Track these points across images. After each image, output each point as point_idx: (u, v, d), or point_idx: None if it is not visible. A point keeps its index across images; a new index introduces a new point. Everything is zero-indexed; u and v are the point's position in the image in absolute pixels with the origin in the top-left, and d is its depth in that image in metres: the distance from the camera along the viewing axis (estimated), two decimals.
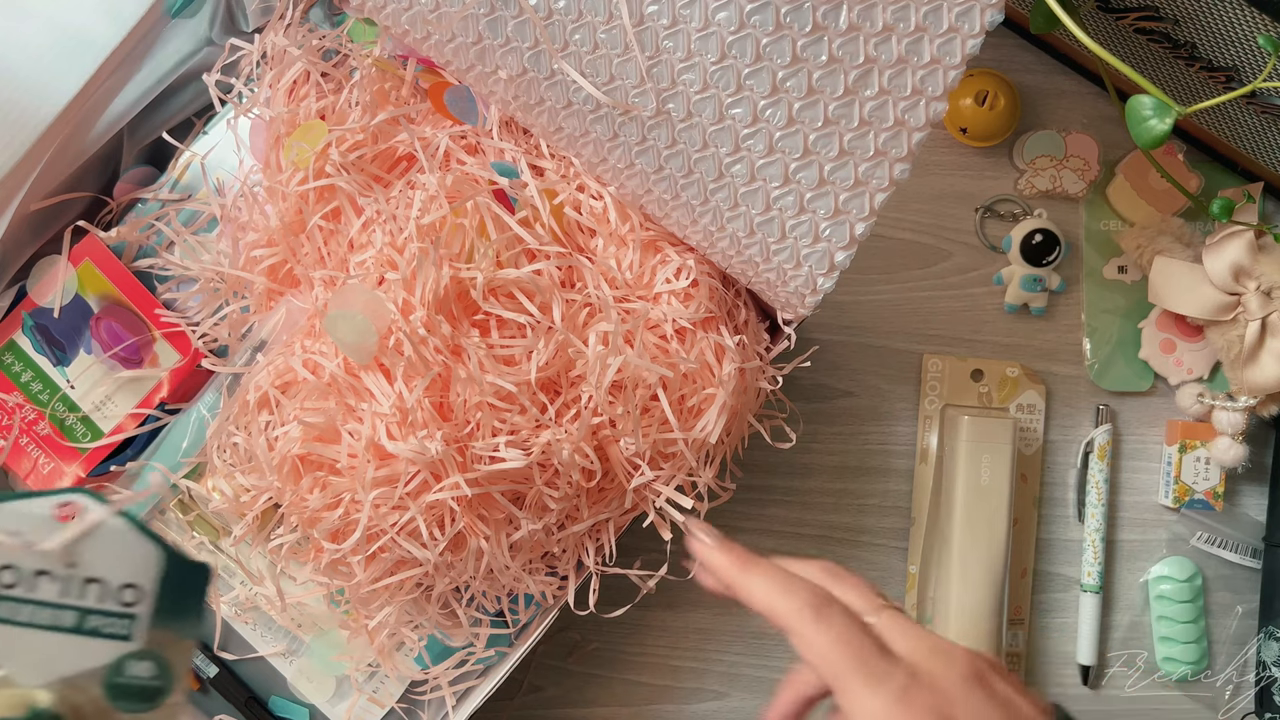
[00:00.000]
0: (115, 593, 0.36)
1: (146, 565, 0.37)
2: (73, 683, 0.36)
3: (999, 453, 0.75)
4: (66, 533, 0.36)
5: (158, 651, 0.37)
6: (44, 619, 0.36)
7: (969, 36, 0.52)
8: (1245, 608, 0.79)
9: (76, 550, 0.36)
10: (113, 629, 0.37)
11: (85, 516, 0.36)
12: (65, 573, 0.36)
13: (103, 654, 0.36)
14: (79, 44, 0.60)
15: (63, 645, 0.36)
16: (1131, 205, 0.78)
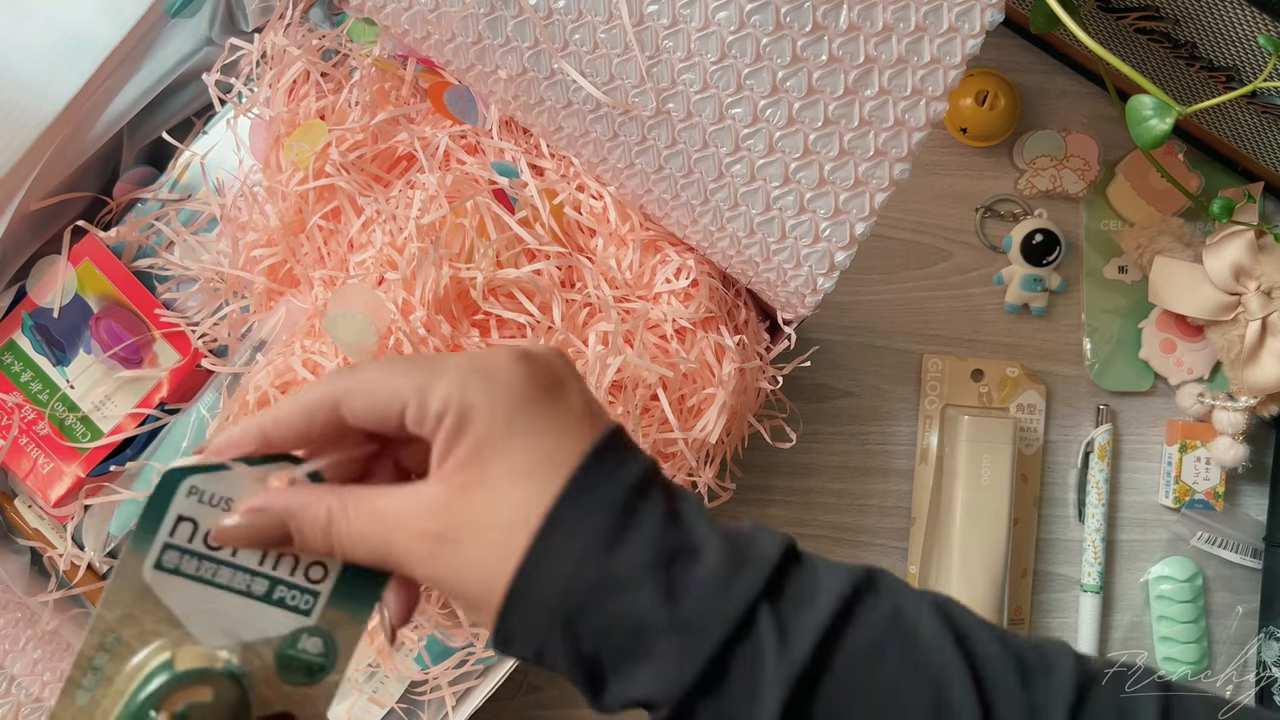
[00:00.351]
0: (306, 568, 0.37)
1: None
2: (251, 647, 0.37)
3: (999, 453, 0.75)
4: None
5: (330, 631, 0.38)
6: (240, 584, 0.37)
7: (969, 36, 0.52)
8: (1246, 608, 0.79)
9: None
10: (296, 603, 0.38)
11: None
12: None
13: (283, 625, 0.38)
14: (79, 44, 0.60)
15: (250, 610, 0.37)
16: (1132, 205, 0.78)
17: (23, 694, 0.65)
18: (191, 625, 0.37)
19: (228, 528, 0.37)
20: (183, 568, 0.37)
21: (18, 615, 0.65)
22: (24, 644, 0.65)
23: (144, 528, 0.36)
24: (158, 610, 0.37)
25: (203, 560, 0.37)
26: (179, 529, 0.36)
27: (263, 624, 0.37)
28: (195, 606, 0.37)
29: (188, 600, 0.37)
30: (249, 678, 0.37)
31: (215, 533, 0.37)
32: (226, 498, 0.36)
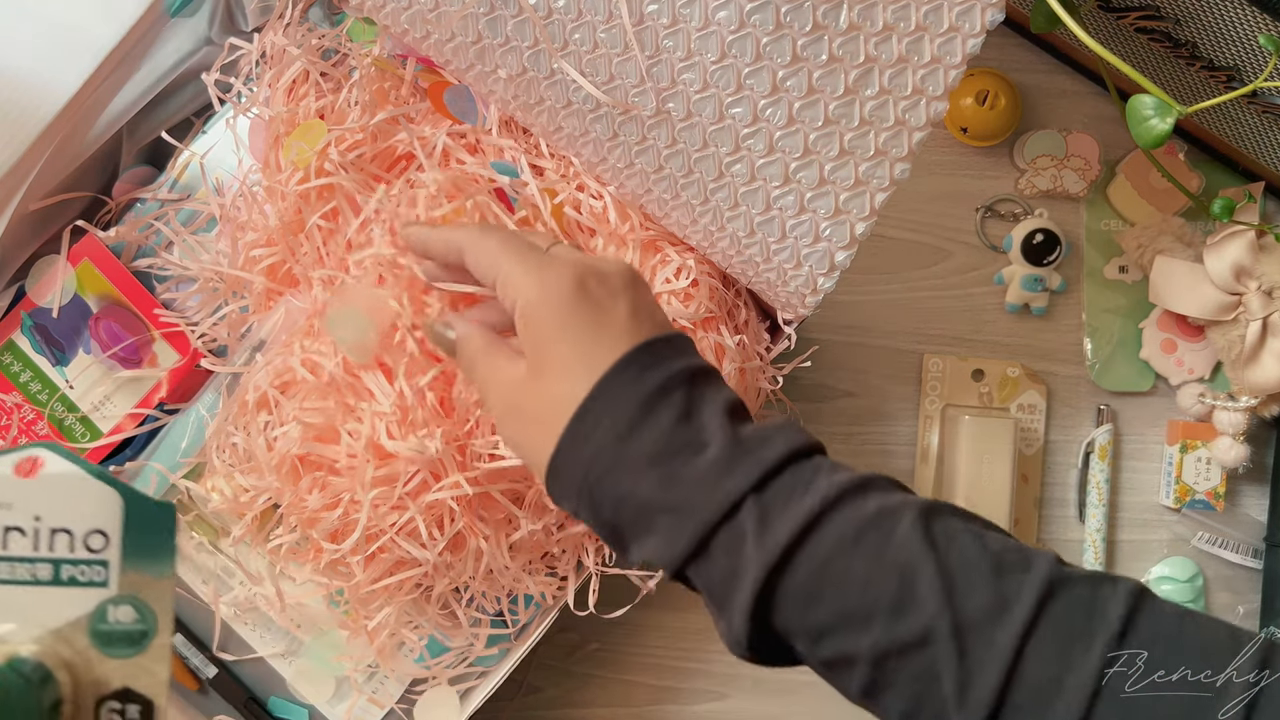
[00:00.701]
0: (84, 540, 0.37)
1: (109, 510, 0.37)
2: (60, 635, 0.37)
3: (1000, 453, 0.74)
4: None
5: (135, 595, 0.37)
6: (22, 574, 0.37)
7: (969, 36, 0.51)
8: (1246, 608, 0.79)
9: (40, 503, 0.37)
10: (88, 577, 0.37)
11: (43, 467, 0.37)
12: (33, 525, 0.37)
13: (84, 603, 0.37)
14: (78, 43, 0.60)
15: (45, 597, 0.37)
16: (1132, 205, 0.78)
17: None
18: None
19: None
20: None
21: None
22: None
23: None
24: None
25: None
26: None
27: (63, 608, 0.37)
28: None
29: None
30: (54, 666, 0.37)
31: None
32: None
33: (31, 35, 0.60)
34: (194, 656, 0.68)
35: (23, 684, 0.35)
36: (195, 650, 0.68)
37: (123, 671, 0.37)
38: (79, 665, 0.37)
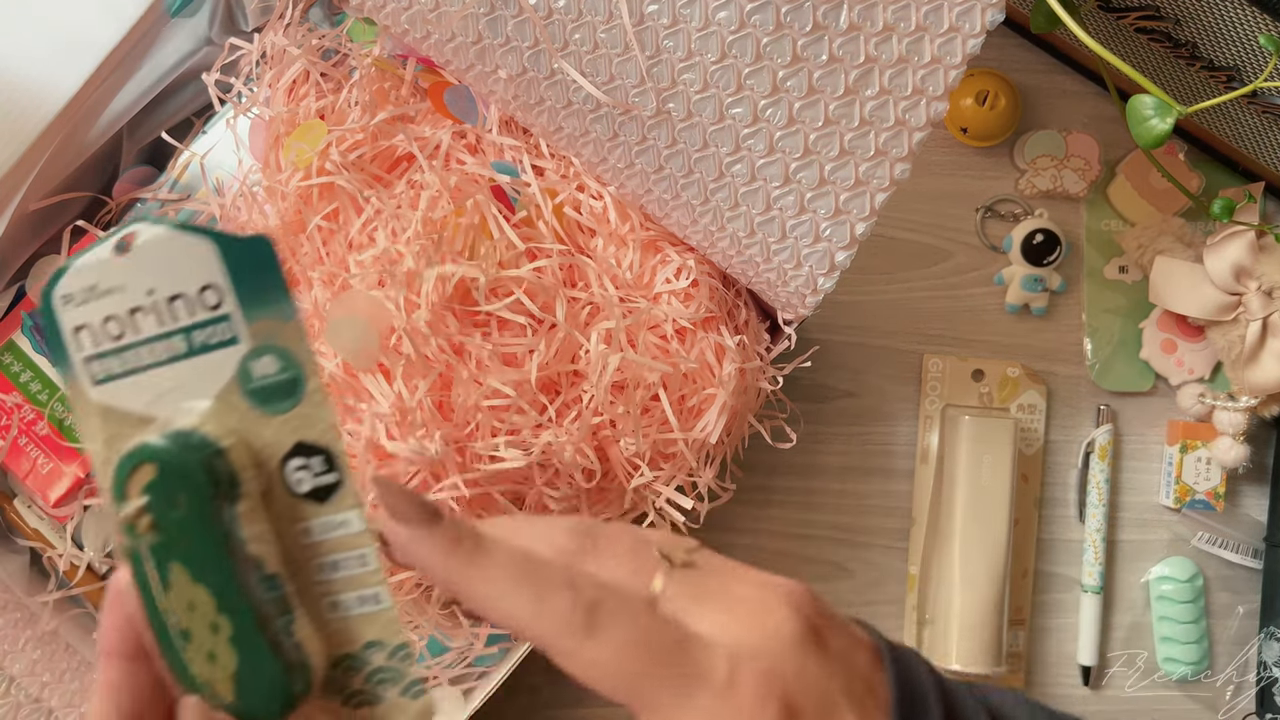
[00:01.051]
0: (199, 300, 0.35)
1: (209, 261, 0.35)
2: (219, 406, 0.35)
3: (1000, 453, 0.74)
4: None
5: (271, 343, 0.35)
6: (163, 353, 0.35)
7: (970, 36, 0.51)
8: (1246, 608, 0.79)
9: (148, 276, 0.35)
10: (218, 337, 0.35)
11: (136, 240, 0.35)
12: (151, 301, 0.35)
13: (225, 366, 0.35)
14: (78, 43, 0.60)
15: (190, 371, 0.35)
16: (1132, 205, 0.78)
17: (22, 694, 0.65)
18: (161, 413, 0.35)
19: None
20: (112, 371, 0.35)
21: (17, 616, 0.65)
22: (23, 644, 0.65)
23: (58, 358, 0.35)
24: (128, 418, 0.35)
25: (120, 353, 0.35)
26: (82, 340, 0.35)
27: (211, 375, 0.35)
28: (150, 396, 0.35)
29: (140, 395, 0.35)
30: (205, 435, 0.35)
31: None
32: (90, 285, 0.35)
33: (32, 35, 0.60)
34: None
35: (195, 456, 0.34)
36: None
37: (289, 426, 0.35)
38: (247, 432, 0.35)
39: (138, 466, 0.33)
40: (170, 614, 0.34)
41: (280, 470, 0.35)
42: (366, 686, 0.36)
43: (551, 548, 0.33)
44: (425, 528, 0.33)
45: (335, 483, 0.35)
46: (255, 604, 0.34)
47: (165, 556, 0.33)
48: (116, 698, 0.34)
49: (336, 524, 0.35)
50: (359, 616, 0.35)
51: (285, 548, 0.35)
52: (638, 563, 0.33)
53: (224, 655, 0.34)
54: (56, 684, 0.65)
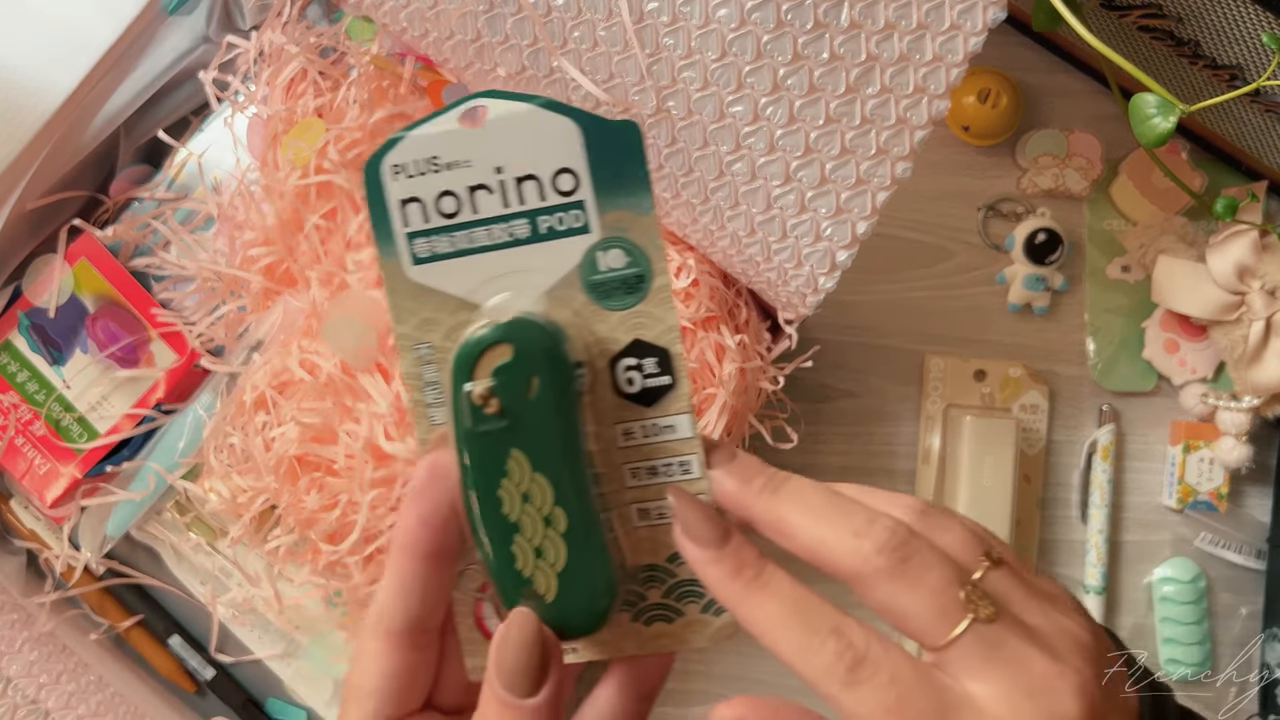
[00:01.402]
0: (552, 183, 0.33)
1: (570, 143, 0.33)
2: (555, 296, 0.33)
3: (1002, 454, 0.74)
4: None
5: (622, 235, 0.33)
6: (501, 236, 0.33)
7: (971, 34, 0.51)
8: (1249, 609, 0.78)
9: (497, 152, 0.33)
10: (567, 224, 0.33)
11: (489, 113, 0.33)
12: (497, 179, 0.33)
13: (570, 255, 0.33)
14: (75, 41, 0.60)
15: (529, 257, 0.33)
16: (1135, 204, 0.77)
17: (19, 696, 0.65)
18: (485, 299, 0.33)
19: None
20: (438, 250, 0.33)
21: (14, 617, 0.65)
22: (20, 645, 0.65)
23: (379, 232, 0.33)
24: (447, 302, 0.33)
25: (451, 232, 0.33)
26: (409, 214, 0.33)
27: (550, 264, 0.33)
28: (476, 280, 0.33)
29: (465, 278, 0.33)
30: (552, 322, 0.33)
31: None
32: (429, 156, 0.32)
33: (29, 33, 0.59)
34: (191, 658, 0.68)
35: (549, 342, 0.32)
36: (193, 652, 0.68)
37: (627, 324, 0.33)
38: (581, 326, 0.33)
39: (491, 347, 0.32)
40: (502, 503, 0.32)
41: (609, 368, 0.34)
42: (666, 600, 0.35)
43: (897, 506, 0.33)
44: (713, 549, 0.33)
45: (667, 385, 0.34)
46: (593, 500, 0.33)
47: (508, 442, 0.32)
48: (408, 598, 0.33)
49: (662, 428, 0.34)
50: (669, 525, 0.34)
51: (600, 448, 0.34)
52: (969, 548, 0.33)
53: (553, 551, 0.32)
54: (53, 685, 0.65)
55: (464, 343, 0.32)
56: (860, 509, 0.32)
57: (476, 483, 0.32)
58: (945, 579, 0.31)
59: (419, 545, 0.33)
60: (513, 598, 0.33)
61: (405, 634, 0.34)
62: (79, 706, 0.64)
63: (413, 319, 0.33)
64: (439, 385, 0.34)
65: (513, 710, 0.32)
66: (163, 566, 0.68)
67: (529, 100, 0.33)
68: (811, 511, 0.32)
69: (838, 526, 0.32)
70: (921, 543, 0.31)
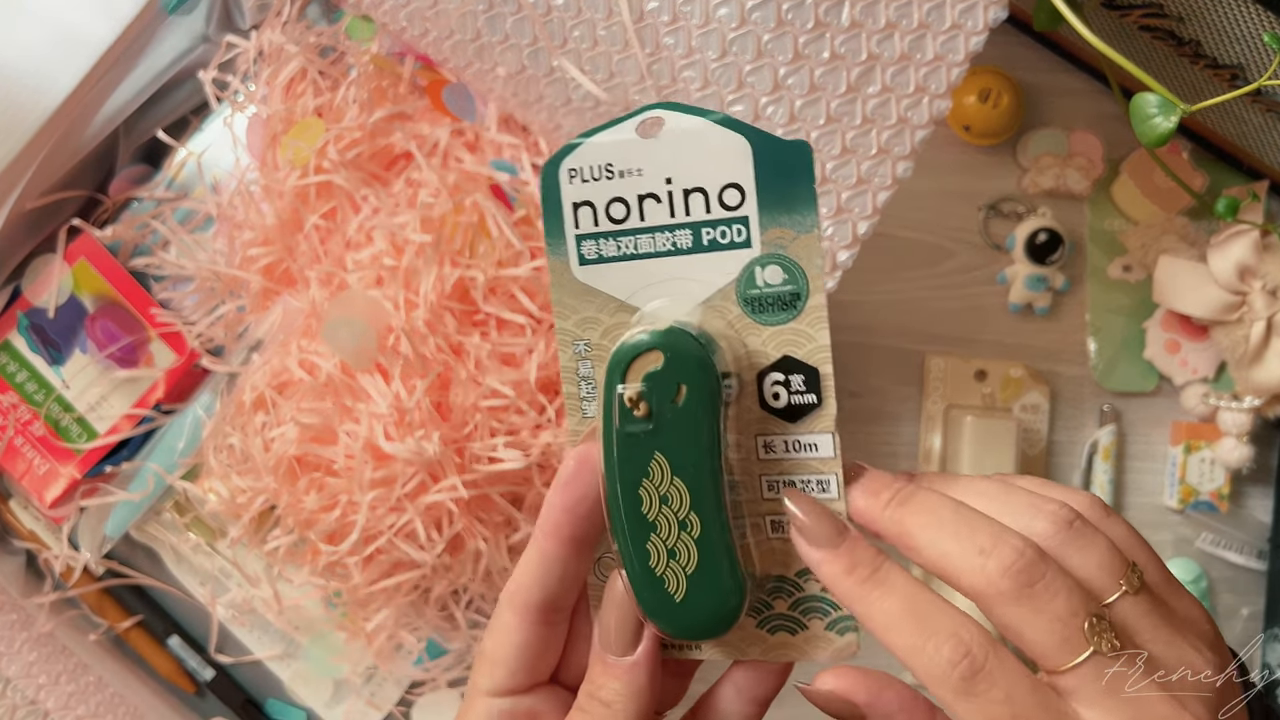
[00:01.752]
0: (719, 198, 0.34)
1: (739, 159, 0.34)
2: (711, 307, 0.34)
3: (1002, 454, 0.74)
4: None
5: (781, 253, 0.34)
6: (665, 244, 0.34)
7: (972, 33, 0.51)
8: (1250, 610, 0.78)
9: (669, 164, 0.34)
10: (729, 238, 0.34)
11: (665, 125, 0.34)
12: (666, 190, 0.34)
13: (729, 268, 0.34)
14: (74, 41, 0.60)
15: (690, 267, 0.34)
16: (1136, 204, 0.77)
17: (18, 696, 0.65)
18: (644, 303, 0.35)
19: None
20: (604, 253, 0.34)
21: (13, 617, 0.65)
22: (19, 646, 0.65)
23: (550, 230, 0.34)
24: (608, 303, 0.35)
25: (618, 237, 0.34)
26: (580, 217, 0.34)
27: (708, 276, 0.34)
28: (637, 284, 0.34)
29: (627, 281, 0.34)
30: (704, 332, 0.34)
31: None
32: (605, 163, 0.34)
33: (28, 33, 0.59)
34: (191, 659, 0.68)
35: (701, 352, 0.33)
36: (192, 652, 0.68)
37: (778, 339, 0.34)
38: (733, 338, 0.35)
39: (645, 352, 0.33)
40: (641, 501, 0.33)
41: (757, 380, 0.35)
42: (792, 613, 0.36)
43: (1028, 530, 0.32)
44: (828, 549, 0.33)
45: (812, 404, 0.35)
46: (728, 509, 0.34)
47: (652, 445, 0.33)
48: (546, 577, 0.35)
49: (804, 445, 0.35)
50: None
51: (740, 458, 0.35)
52: (1107, 571, 0.32)
53: (686, 553, 0.34)
54: (53, 686, 0.65)
55: (620, 346, 0.33)
56: (989, 525, 0.32)
57: (620, 480, 0.33)
58: (1071, 608, 0.31)
59: (561, 530, 0.35)
60: (644, 595, 0.34)
61: (539, 610, 0.35)
62: (78, 707, 0.64)
63: (574, 316, 0.35)
64: (593, 381, 0.35)
65: (612, 668, 0.35)
66: (162, 567, 0.68)
67: (706, 115, 0.34)
68: (937, 526, 0.32)
69: (963, 543, 0.32)
70: (1049, 566, 0.31)
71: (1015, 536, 0.31)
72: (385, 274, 0.56)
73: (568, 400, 0.35)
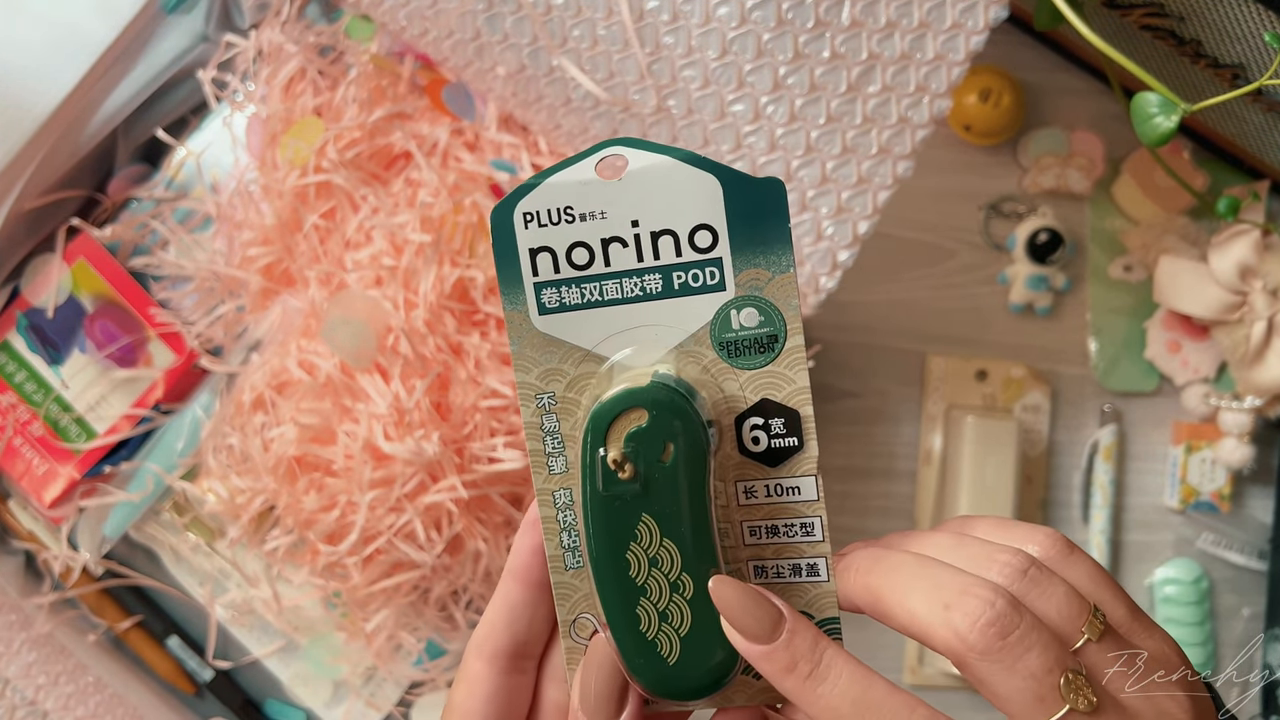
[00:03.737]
0: (689, 240, 0.32)
1: (711, 199, 0.32)
2: (684, 352, 0.33)
3: (1003, 454, 0.74)
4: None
5: (756, 294, 0.33)
6: (632, 290, 0.33)
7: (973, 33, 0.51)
8: (1251, 610, 0.78)
9: (634, 206, 0.32)
10: (701, 281, 0.33)
11: (628, 166, 0.32)
12: (632, 233, 0.33)
13: (702, 312, 0.33)
14: (73, 40, 0.59)
15: (660, 312, 0.33)
16: (1137, 204, 0.77)
17: (17, 697, 0.65)
18: (612, 352, 0.33)
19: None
20: (567, 300, 0.33)
21: (12, 618, 0.65)
22: (18, 647, 0.65)
23: (505, 280, 0.33)
24: (572, 353, 0.33)
25: (581, 284, 0.33)
26: (539, 263, 0.32)
27: (681, 321, 0.33)
28: (604, 332, 0.33)
29: (593, 330, 0.33)
30: (684, 381, 0.33)
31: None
32: (563, 206, 0.32)
33: (27, 32, 0.59)
34: (190, 659, 0.68)
35: (686, 406, 0.32)
36: (191, 653, 0.68)
37: (756, 383, 0.33)
38: (709, 384, 0.33)
39: (626, 411, 0.32)
40: (629, 566, 0.32)
41: (734, 424, 0.34)
42: None
43: (997, 564, 0.31)
44: (763, 643, 0.31)
45: (794, 447, 0.34)
46: (721, 565, 0.33)
47: (640, 507, 0.32)
48: (514, 623, 0.34)
49: (787, 488, 0.34)
50: (787, 585, 0.34)
51: (720, 504, 0.34)
52: (1067, 619, 0.31)
53: (679, 615, 0.32)
54: (52, 686, 0.64)
55: (600, 405, 0.32)
56: (955, 578, 0.31)
57: (604, 545, 0.32)
58: (1044, 664, 0.30)
59: (530, 573, 0.34)
60: (634, 659, 0.33)
61: (508, 657, 0.34)
62: (77, 708, 0.64)
63: (536, 369, 0.33)
64: (559, 435, 0.33)
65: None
66: (161, 567, 0.68)
67: (670, 153, 0.32)
68: (904, 586, 0.31)
69: (929, 600, 0.30)
70: (1022, 617, 0.30)
71: (983, 587, 0.30)
72: (385, 274, 0.56)
73: (532, 457, 0.34)
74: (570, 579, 0.34)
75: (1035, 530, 0.34)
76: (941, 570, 0.31)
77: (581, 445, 0.32)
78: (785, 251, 0.32)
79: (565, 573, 0.34)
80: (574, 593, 0.34)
